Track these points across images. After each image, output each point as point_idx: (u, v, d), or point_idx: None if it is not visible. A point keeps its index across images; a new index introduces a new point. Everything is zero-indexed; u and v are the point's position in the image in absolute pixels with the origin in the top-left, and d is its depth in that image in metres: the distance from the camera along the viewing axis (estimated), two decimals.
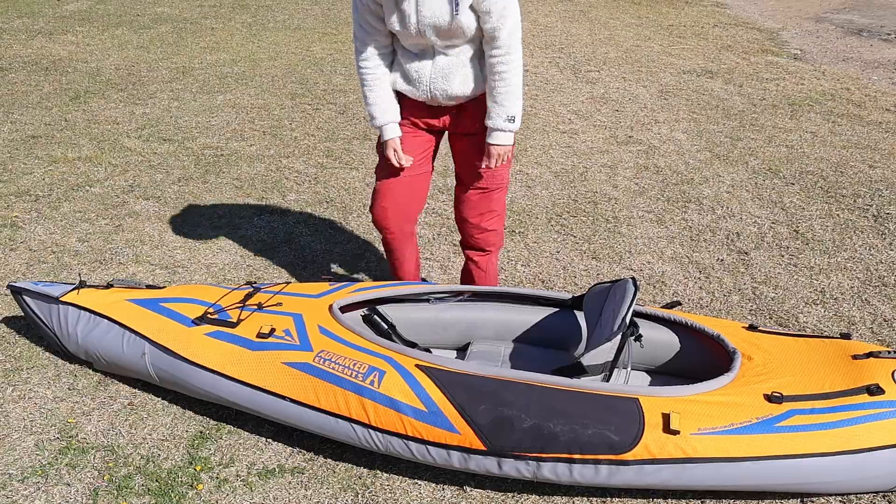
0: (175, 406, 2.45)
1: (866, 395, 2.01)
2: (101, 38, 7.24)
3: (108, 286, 2.59)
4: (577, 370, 2.08)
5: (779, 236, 3.58)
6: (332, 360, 2.13)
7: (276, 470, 2.20)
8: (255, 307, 2.38)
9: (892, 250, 3.45)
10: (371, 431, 2.07)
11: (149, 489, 2.13)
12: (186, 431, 2.35)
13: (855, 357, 2.17)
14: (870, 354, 2.16)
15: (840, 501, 2.10)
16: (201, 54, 6.71)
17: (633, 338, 2.19)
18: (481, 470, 2.03)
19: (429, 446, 2.03)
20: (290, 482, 2.17)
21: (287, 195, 3.99)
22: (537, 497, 2.12)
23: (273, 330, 2.26)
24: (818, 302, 3.05)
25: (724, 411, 1.96)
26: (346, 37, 7.40)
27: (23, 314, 2.79)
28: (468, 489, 2.14)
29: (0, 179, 4.11)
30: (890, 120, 5.12)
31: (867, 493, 2.09)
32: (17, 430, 2.35)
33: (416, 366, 2.07)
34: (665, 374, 2.48)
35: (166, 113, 5.19)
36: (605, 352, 2.11)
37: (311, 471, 2.21)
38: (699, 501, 2.10)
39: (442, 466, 2.09)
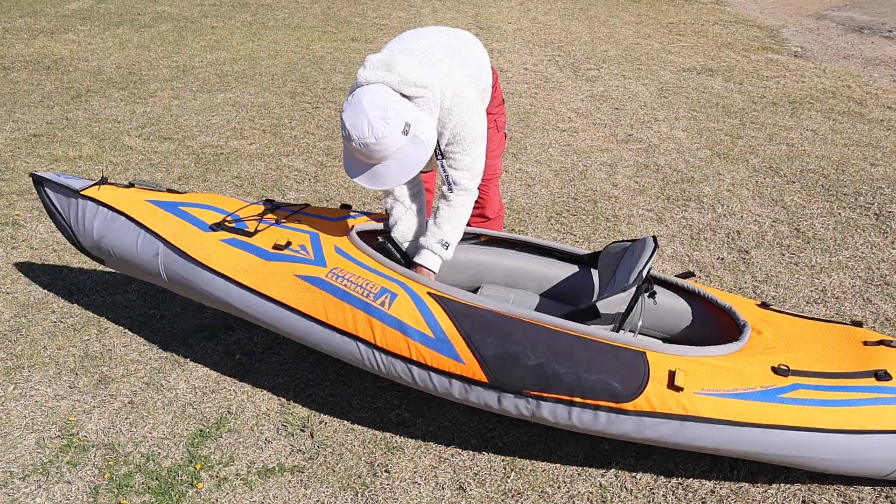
0: (175, 404, 2.45)
1: (874, 378, 1.98)
2: (102, 36, 7.24)
3: (130, 185, 2.57)
4: (590, 314, 2.06)
5: (780, 235, 3.58)
6: (345, 277, 2.11)
7: (276, 469, 2.21)
8: (273, 221, 2.38)
9: (893, 249, 3.44)
10: (375, 352, 2.05)
11: (149, 487, 2.14)
12: (186, 430, 2.35)
13: (866, 343, 2.14)
14: (881, 342, 2.14)
15: (842, 502, 2.10)
16: (201, 53, 6.71)
17: (648, 294, 2.16)
18: (480, 403, 2.02)
19: (431, 373, 2.01)
20: (289, 481, 2.17)
21: (287, 193, 3.99)
22: (537, 497, 2.12)
23: (289, 243, 2.24)
24: (819, 301, 3.04)
25: (730, 376, 1.94)
26: (345, 35, 7.40)
27: (23, 303, 2.80)
28: (468, 489, 2.15)
29: (2, 178, 4.11)
30: (891, 118, 5.11)
31: (862, 476, 2.06)
32: (19, 428, 2.35)
33: (429, 293, 2.06)
34: (674, 341, 2.48)
35: (167, 111, 5.20)
36: (617, 303, 2.11)
37: (310, 470, 2.21)
38: (700, 501, 2.10)
39: (441, 395, 2.07)
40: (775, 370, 1.97)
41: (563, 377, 1.91)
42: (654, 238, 2.20)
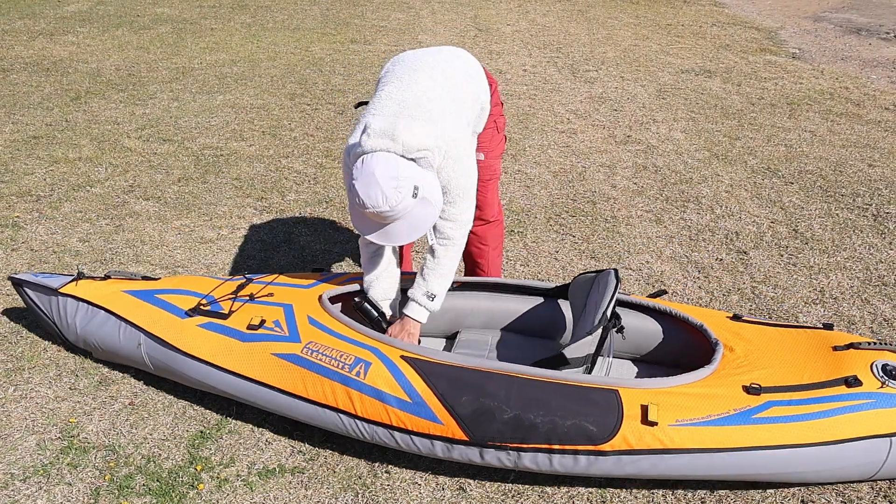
0: (176, 406, 2.46)
1: (844, 386, 2.01)
2: (101, 38, 7.25)
3: (106, 277, 2.63)
4: (560, 362, 2.08)
5: (778, 236, 3.59)
6: (320, 351, 2.15)
7: (277, 470, 2.21)
8: (247, 298, 2.40)
9: (891, 249, 3.45)
10: (357, 421, 2.10)
11: (150, 489, 2.14)
12: (187, 431, 2.36)
13: (835, 348, 2.18)
14: (850, 346, 2.17)
15: (841, 502, 2.11)
16: (201, 55, 6.72)
17: (615, 329, 2.22)
18: (464, 459, 2.06)
19: (413, 436, 2.06)
20: (290, 482, 2.17)
21: (286, 195, 3.99)
22: (537, 497, 2.13)
23: (263, 321, 2.28)
24: (818, 301, 3.05)
25: (703, 403, 1.98)
26: (344, 37, 7.41)
27: (25, 307, 2.80)
28: (468, 489, 2.15)
29: (2, 180, 4.11)
30: (889, 119, 5.13)
31: (843, 482, 2.10)
32: (19, 430, 2.36)
33: (402, 357, 2.10)
34: (649, 362, 2.51)
35: (166, 113, 5.20)
36: (587, 344, 2.13)
37: (311, 470, 2.21)
38: (699, 500, 2.11)
39: (426, 455, 2.11)
40: (747, 389, 2.00)
41: (540, 426, 1.97)
42: (616, 272, 2.24)
